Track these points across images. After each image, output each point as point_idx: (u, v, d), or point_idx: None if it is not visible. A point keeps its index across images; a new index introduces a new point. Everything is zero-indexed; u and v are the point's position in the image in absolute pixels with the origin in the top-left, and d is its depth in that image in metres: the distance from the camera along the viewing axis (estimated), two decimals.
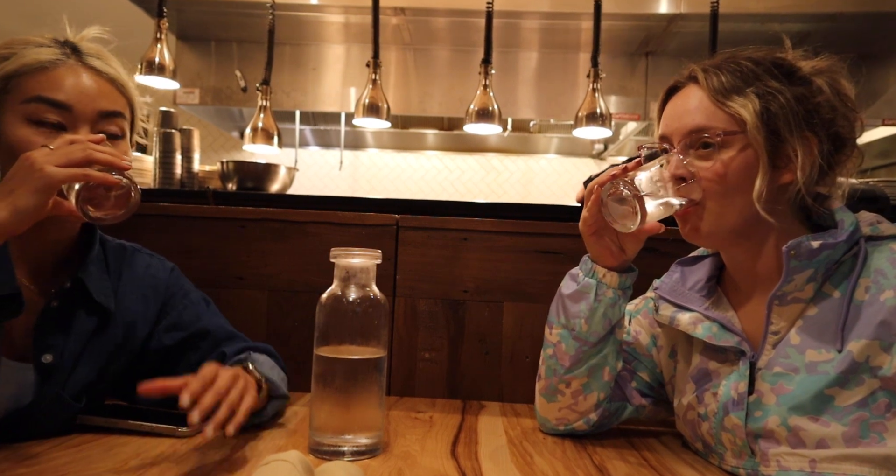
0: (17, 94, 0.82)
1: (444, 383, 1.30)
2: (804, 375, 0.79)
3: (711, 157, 0.83)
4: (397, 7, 2.71)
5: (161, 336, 1.01)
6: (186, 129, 2.24)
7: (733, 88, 0.82)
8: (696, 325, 0.91)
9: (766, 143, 0.80)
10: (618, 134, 3.85)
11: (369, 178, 4.47)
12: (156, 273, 1.03)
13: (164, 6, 2.07)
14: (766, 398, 0.81)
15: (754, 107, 0.80)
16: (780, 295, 0.83)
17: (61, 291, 0.89)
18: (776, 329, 0.84)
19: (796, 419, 0.78)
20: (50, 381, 0.86)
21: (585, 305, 0.94)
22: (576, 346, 0.95)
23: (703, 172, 0.83)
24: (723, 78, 0.83)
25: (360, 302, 0.87)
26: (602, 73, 2.12)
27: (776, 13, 2.55)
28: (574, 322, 0.95)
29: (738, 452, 0.84)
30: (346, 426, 0.85)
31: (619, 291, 0.94)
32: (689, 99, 0.87)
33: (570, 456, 0.91)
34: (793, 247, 0.79)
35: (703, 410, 0.89)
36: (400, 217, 1.33)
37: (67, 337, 0.89)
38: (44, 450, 0.82)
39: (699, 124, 0.84)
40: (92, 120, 0.85)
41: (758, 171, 0.81)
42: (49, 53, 0.84)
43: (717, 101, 0.83)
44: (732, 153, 0.82)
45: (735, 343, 0.86)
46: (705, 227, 0.85)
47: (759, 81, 0.82)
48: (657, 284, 1.02)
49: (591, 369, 0.96)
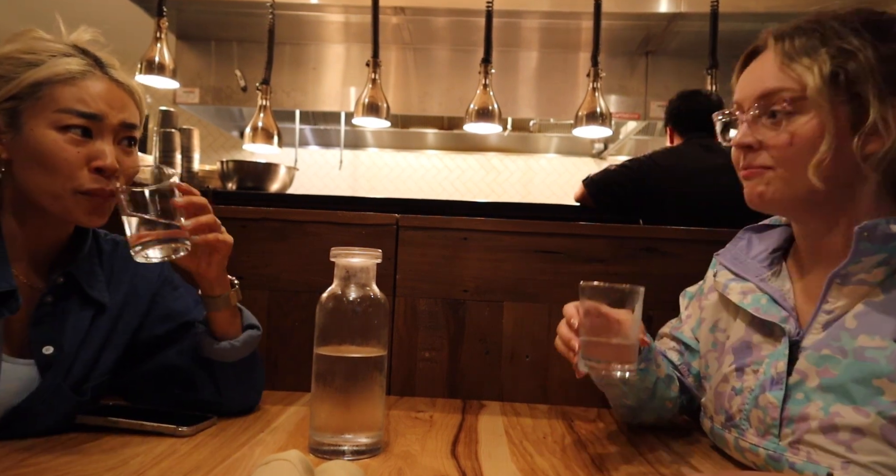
0: (49, 103, 0.84)
1: (445, 383, 1.30)
2: (851, 360, 0.74)
3: (780, 123, 0.78)
4: (397, 6, 2.72)
5: (152, 326, 1.03)
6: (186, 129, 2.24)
7: (804, 50, 0.77)
8: (746, 296, 0.88)
9: (841, 108, 0.75)
10: (618, 133, 3.85)
11: (369, 178, 4.48)
12: (147, 266, 1.04)
13: (163, 6, 2.07)
14: (810, 380, 0.77)
15: (822, 69, 0.75)
16: (844, 274, 0.78)
17: (54, 286, 0.91)
18: (830, 308, 0.79)
19: (838, 406, 0.74)
20: (51, 373, 0.88)
21: (619, 390, 0.99)
22: (629, 411, 1.04)
23: (770, 140, 0.79)
24: (796, 40, 0.79)
25: (360, 301, 0.87)
26: (602, 73, 2.13)
27: (776, 12, 2.55)
28: (616, 401, 1.03)
29: (763, 431, 0.81)
30: (347, 426, 0.85)
31: (641, 366, 0.92)
32: (759, 64, 0.83)
33: (570, 455, 0.91)
34: (867, 228, 0.74)
35: (738, 384, 0.86)
36: (400, 216, 1.33)
37: (64, 330, 0.90)
38: (44, 450, 0.82)
39: (766, 89, 0.79)
40: (115, 130, 0.89)
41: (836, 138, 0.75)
42: (77, 64, 0.86)
43: (783, 65, 0.78)
44: (803, 119, 0.77)
45: (780, 319, 0.83)
46: (769, 192, 0.81)
47: (839, 39, 0.76)
48: (720, 251, 1.00)
49: (652, 410, 1.02)
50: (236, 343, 0.98)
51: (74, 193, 0.85)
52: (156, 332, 1.03)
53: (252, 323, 1.01)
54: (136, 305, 1.01)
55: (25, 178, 0.85)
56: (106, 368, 0.97)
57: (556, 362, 1.29)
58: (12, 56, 0.85)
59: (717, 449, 0.95)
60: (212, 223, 0.92)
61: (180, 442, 0.87)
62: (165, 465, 0.78)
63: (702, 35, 2.15)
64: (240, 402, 1.04)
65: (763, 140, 0.80)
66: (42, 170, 0.84)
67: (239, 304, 1.01)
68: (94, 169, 0.86)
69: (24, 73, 0.84)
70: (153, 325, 1.03)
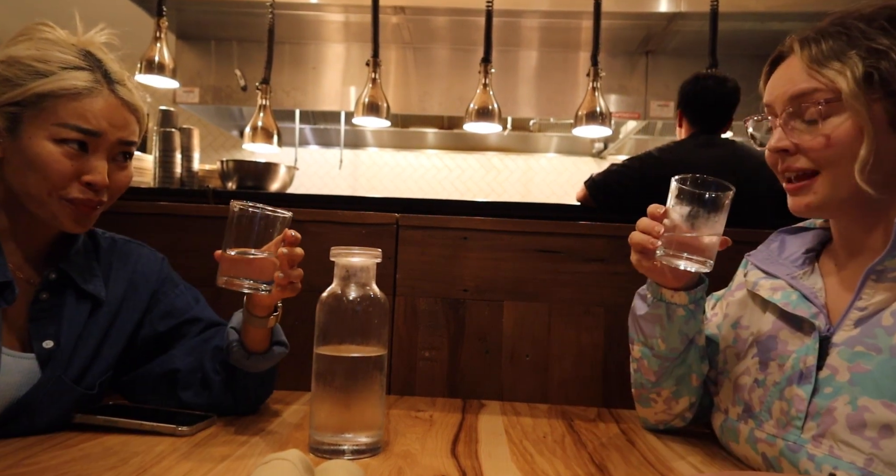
0: (51, 115, 0.85)
1: (445, 382, 1.30)
2: (886, 356, 0.73)
3: (815, 125, 0.78)
4: (397, 6, 2.72)
5: (154, 323, 1.04)
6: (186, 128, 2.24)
7: (833, 54, 0.77)
8: (776, 291, 0.88)
9: (877, 107, 0.74)
10: (617, 133, 3.85)
11: (369, 177, 4.47)
12: (147, 262, 1.06)
13: (163, 5, 2.07)
14: (840, 376, 0.77)
15: (855, 71, 0.74)
16: (881, 270, 0.76)
17: (48, 282, 0.91)
18: (864, 305, 0.78)
19: (866, 400, 0.72)
20: (50, 366, 0.89)
21: (659, 327, 0.94)
22: (658, 363, 0.97)
23: (807, 143, 0.79)
24: (823, 44, 0.78)
25: (360, 301, 0.87)
26: (602, 72, 2.13)
27: (776, 12, 2.54)
28: (652, 341, 0.96)
29: (784, 423, 0.80)
30: (347, 425, 0.85)
31: (690, 306, 0.92)
32: (787, 68, 0.83)
33: (570, 455, 0.91)
34: None
35: (761, 377, 0.85)
36: (400, 216, 1.33)
37: (62, 324, 0.91)
38: (44, 449, 0.82)
39: (799, 89, 0.79)
40: (111, 146, 0.89)
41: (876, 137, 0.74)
42: (85, 79, 0.87)
43: (812, 70, 0.78)
44: (838, 120, 0.76)
45: (810, 315, 0.82)
46: (816, 201, 0.80)
47: (867, 40, 0.75)
48: (751, 252, 1.00)
49: (678, 379, 0.97)
50: (265, 358, 0.98)
51: (60, 200, 0.86)
52: (158, 329, 1.04)
53: (281, 340, 1.02)
54: (135, 301, 1.02)
55: (16, 180, 0.86)
56: (107, 363, 0.98)
57: (556, 362, 1.29)
58: (24, 62, 0.85)
59: (719, 449, 0.95)
60: (299, 277, 0.93)
61: (180, 442, 0.87)
62: (165, 464, 0.78)
63: (702, 34, 2.15)
64: (249, 405, 1.05)
65: (799, 143, 0.80)
66: (33, 175, 0.85)
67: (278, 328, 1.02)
68: (85, 182, 0.87)
69: (31, 82, 0.84)
70: (155, 322, 1.04)
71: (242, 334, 0.97)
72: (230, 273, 0.87)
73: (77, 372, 0.92)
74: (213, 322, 1.08)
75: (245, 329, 0.97)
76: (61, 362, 0.90)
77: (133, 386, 1.03)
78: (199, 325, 1.06)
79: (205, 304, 1.11)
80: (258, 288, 0.88)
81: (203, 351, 1.02)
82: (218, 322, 1.08)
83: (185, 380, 1.00)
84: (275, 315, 0.97)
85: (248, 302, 0.95)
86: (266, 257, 0.88)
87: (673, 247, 0.84)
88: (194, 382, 1.00)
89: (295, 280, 0.92)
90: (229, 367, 0.99)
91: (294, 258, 0.91)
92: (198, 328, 1.06)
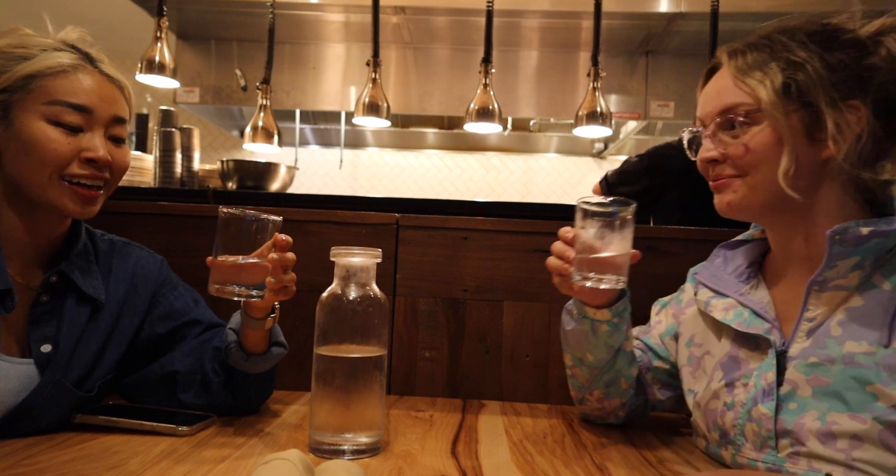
0: (40, 95, 0.85)
1: (445, 382, 1.30)
2: (841, 367, 0.75)
3: (738, 135, 0.82)
4: (397, 6, 2.71)
5: (154, 325, 1.04)
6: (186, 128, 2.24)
7: (756, 65, 0.81)
8: (728, 312, 0.90)
9: (795, 116, 0.78)
10: (618, 133, 3.85)
11: (369, 177, 4.47)
12: (146, 264, 1.06)
13: (164, 5, 2.07)
14: (802, 390, 0.78)
15: (774, 81, 0.78)
16: (821, 281, 0.79)
17: (48, 285, 0.91)
18: (812, 316, 0.81)
19: (835, 415, 0.74)
20: (49, 370, 0.88)
21: (586, 341, 0.99)
22: (588, 371, 1.03)
23: (731, 150, 0.83)
24: (748, 56, 0.82)
25: (360, 301, 0.87)
26: (602, 72, 2.12)
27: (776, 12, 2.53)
28: (580, 353, 1.02)
29: (759, 444, 0.81)
30: (347, 425, 0.85)
31: (614, 320, 0.96)
32: (716, 81, 0.87)
33: (570, 455, 0.91)
34: (838, 231, 0.76)
35: (730, 399, 0.86)
36: (400, 216, 1.33)
37: (61, 327, 0.91)
38: (44, 449, 0.82)
39: (724, 105, 0.84)
40: (106, 123, 0.90)
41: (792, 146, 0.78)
42: (68, 58, 0.87)
43: (737, 80, 0.82)
44: (757, 129, 0.81)
45: (764, 331, 0.84)
46: (736, 199, 0.84)
47: (787, 52, 0.79)
48: (696, 270, 1.02)
49: (608, 383, 1.02)
50: (264, 359, 0.98)
51: (62, 181, 0.86)
52: (157, 331, 1.04)
53: (280, 340, 1.02)
54: (136, 304, 1.02)
55: (15, 169, 0.86)
56: (109, 367, 0.97)
57: (556, 362, 1.29)
58: (3, 50, 0.85)
59: None
60: (292, 281, 0.93)
61: (180, 442, 0.87)
62: (165, 464, 0.78)
63: (702, 35, 2.15)
64: (248, 406, 1.05)
65: (725, 152, 0.84)
66: (31, 160, 0.85)
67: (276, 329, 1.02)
68: (85, 160, 0.87)
69: (16, 67, 0.84)
70: (154, 324, 1.04)
71: (241, 335, 0.97)
72: (221, 280, 0.86)
73: (78, 376, 0.92)
74: (212, 323, 1.08)
75: (243, 330, 0.97)
76: (60, 366, 0.89)
77: (133, 388, 1.03)
78: (198, 327, 1.06)
79: (204, 305, 1.11)
80: (249, 294, 0.87)
81: (202, 352, 1.02)
82: (218, 323, 1.08)
83: (184, 381, 1.00)
84: (272, 316, 0.97)
85: (245, 303, 0.95)
86: (256, 263, 0.87)
87: (585, 268, 0.86)
88: (194, 384, 1.00)
89: (288, 284, 0.92)
90: (228, 369, 0.99)
91: (285, 263, 0.90)
92: (198, 330, 1.06)
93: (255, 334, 0.97)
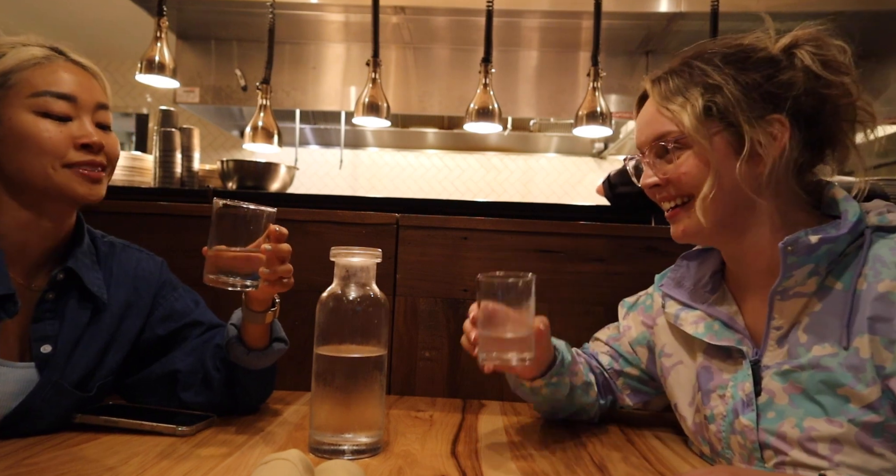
0: (23, 88, 0.85)
1: (445, 382, 1.30)
2: (811, 372, 0.77)
3: (672, 160, 0.84)
4: (397, 6, 2.71)
5: (155, 327, 1.04)
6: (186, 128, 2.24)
7: (678, 90, 0.83)
8: (698, 324, 0.90)
9: (719, 138, 0.80)
10: (618, 133, 3.85)
11: (369, 177, 4.47)
12: (146, 266, 1.06)
13: (164, 5, 2.06)
14: (779, 398, 0.79)
15: (695, 106, 0.81)
16: (781, 290, 0.81)
17: (55, 283, 0.91)
18: (779, 324, 0.82)
19: (811, 420, 0.76)
20: (49, 370, 0.88)
21: (533, 398, 1.03)
22: (549, 407, 1.06)
23: (669, 177, 0.85)
24: (670, 82, 0.85)
25: (360, 301, 0.87)
26: (602, 72, 2.12)
27: (776, 12, 2.54)
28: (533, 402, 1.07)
29: (746, 456, 0.82)
30: (347, 425, 0.85)
31: (553, 380, 0.97)
32: (645, 110, 0.89)
33: (570, 455, 0.91)
34: (789, 242, 0.78)
35: (709, 412, 0.87)
36: (400, 216, 1.33)
37: (63, 327, 0.91)
38: (44, 449, 0.82)
39: (655, 133, 0.86)
40: (91, 110, 0.90)
41: (721, 167, 0.80)
42: (39, 51, 0.88)
43: (662, 108, 0.85)
44: (687, 153, 0.83)
45: (735, 342, 0.85)
46: (690, 226, 0.86)
47: (705, 77, 0.82)
48: (662, 281, 1.02)
49: (571, 413, 1.06)
50: (264, 355, 0.98)
51: (63, 167, 0.86)
52: (158, 333, 1.04)
53: (280, 336, 1.02)
54: (139, 307, 1.02)
55: (14, 165, 0.86)
56: (110, 369, 0.97)
57: None
58: None
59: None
60: (287, 272, 0.92)
61: (180, 442, 0.87)
62: (165, 464, 0.78)
63: (702, 35, 2.13)
64: (250, 403, 1.05)
65: (664, 177, 0.86)
66: (29, 153, 0.85)
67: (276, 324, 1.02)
68: (81, 146, 0.87)
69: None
70: (155, 325, 1.04)
71: (242, 331, 0.97)
72: (215, 270, 0.87)
73: (78, 377, 0.92)
74: (213, 324, 1.08)
75: (244, 325, 0.97)
76: (58, 367, 0.89)
77: (134, 388, 1.03)
78: (199, 328, 1.06)
79: (204, 306, 1.11)
80: (244, 285, 0.88)
81: (204, 351, 1.02)
82: (218, 324, 1.08)
83: (185, 380, 1.00)
84: (272, 310, 0.97)
85: (246, 298, 0.96)
86: (250, 254, 0.88)
87: (486, 348, 0.84)
88: (195, 382, 1.00)
89: (284, 275, 0.92)
90: (230, 365, 0.99)
91: (280, 254, 0.90)
92: (198, 331, 1.06)
93: (255, 329, 0.97)
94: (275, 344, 0.99)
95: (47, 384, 0.88)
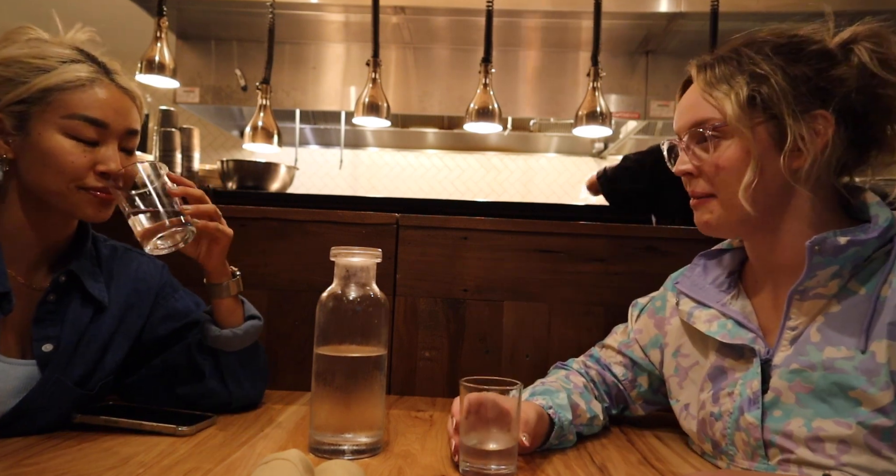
0: (58, 109, 0.86)
1: (445, 382, 1.30)
2: (822, 373, 0.76)
3: (709, 149, 0.83)
4: (397, 6, 2.71)
5: (155, 326, 1.05)
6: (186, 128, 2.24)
7: (724, 78, 0.82)
8: (712, 323, 0.90)
9: (761, 129, 0.79)
10: (618, 132, 3.85)
11: (369, 177, 4.47)
12: (147, 269, 1.07)
13: (164, 5, 2.06)
14: (785, 397, 0.79)
15: (739, 95, 0.79)
16: (802, 290, 0.80)
17: (57, 284, 0.92)
18: (794, 324, 0.82)
19: (819, 420, 0.75)
20: (51, 368, 0.89)
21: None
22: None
23: (704, 166, 0.84)
24: (716, 69, 0.83)
25: (360, 301, 0.87)
26: (602, 72, 2.12)
27: (776, 12, 2.54)
28: None
29: (750, 454, 0.82)
30: (347, 425, 0.85)
31: (554, 443, 0.92)
32: (689, 95, 0.88)
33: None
34: (817, 242, 0.76)
35: (717, 410, 0.87)
36: (400, 216, 1.33)
37: (64, 328, 0.92)
38: (44, 449, 0.82)
39: (695, 119, 0.84)
40: (120, 136, 0.91)
41: (761, 158, 0.79)
42: (86, 71, 0.88)
43: (706, 94, 0.83)
44: (727, 143, 0.81)
45: (748, 341, 0.84)
46: (714, 218, 0.85)
47: (753, 65, 0.80)
48: (678, 278, 1.01)
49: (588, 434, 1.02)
50: (238, 331, 1.00)
51: (78, 190, 0.87)
52: (159, 333, 1.04)
53: (253, 313, 1.04)
54: (139, 308, 1.03)
55: (32, 177, 0.87)
56: (111, 368, 0.98)
57: (556, 362, 1.29)
58: (21, 60, 0.86)
59: None
60: (212, 212, 0.96)
61: (180, 442, 0.88)
62: (165, 464, 0.78)
63: (702, 35, 2.15)
64: (244, 394, 1.05)
65: (699, 166, 0.84)
66: (49, 170, 0.86)
67: (241, 297, 1.04)
68: (99, 172, 0.88)
69: (35, 79, 0.85)
70: (156, 325, 1.04)
71: (214, 312, 1.00)
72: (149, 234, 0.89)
73: (79, 375, 0.92)
74: None
75: (214, 304, 1.00)
76: (60, 365, 0.90)
77: (133, 387, 1.03)
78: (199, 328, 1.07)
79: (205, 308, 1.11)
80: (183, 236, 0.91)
81: (192, 343, 1.02)
82: None
83: (182, 375, 1.01)
84: (234, 281, 1.00)
85: (206, 274, 0.99)
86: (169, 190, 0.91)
87: (468, 457, 0.80)
88: (188, 376, 1.01)
89: (207, 218, 0.95)
90: (213, 352, 1.00)
91: (193, 195, 0.94)
92: (198, 331, 1.06)
93: (223, 304, 1.00)
94: (248, 321, 1.02)
95: (49, 381, 0.88)
